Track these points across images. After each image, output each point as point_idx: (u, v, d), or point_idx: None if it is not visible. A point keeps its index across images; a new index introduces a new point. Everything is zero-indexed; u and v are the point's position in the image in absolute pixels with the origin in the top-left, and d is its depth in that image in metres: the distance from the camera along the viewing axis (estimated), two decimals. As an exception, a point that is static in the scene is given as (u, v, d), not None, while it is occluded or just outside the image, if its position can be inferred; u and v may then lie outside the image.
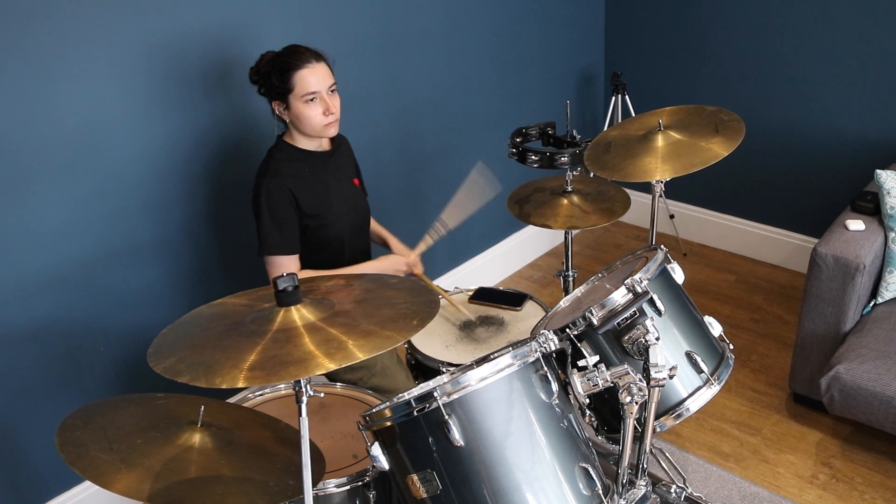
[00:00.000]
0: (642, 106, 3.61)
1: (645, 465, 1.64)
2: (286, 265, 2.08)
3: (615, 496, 1.51)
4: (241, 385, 1.23)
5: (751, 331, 3.13)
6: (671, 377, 1.57)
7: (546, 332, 1.53)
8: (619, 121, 3.48)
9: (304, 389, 1.35)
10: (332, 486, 1.64)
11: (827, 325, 2.49)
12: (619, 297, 1.59)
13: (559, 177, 2.38)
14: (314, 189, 2.11)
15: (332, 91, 2.06)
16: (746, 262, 3.62)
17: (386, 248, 2.39)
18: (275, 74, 2.01)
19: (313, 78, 2.00)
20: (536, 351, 1.48)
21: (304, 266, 2.15)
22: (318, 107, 2.03)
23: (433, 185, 3.17)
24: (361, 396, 2.00)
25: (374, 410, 1.46)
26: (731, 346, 1.78)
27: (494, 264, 3.58)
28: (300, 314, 1.39)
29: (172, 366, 1.31)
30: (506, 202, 2.37)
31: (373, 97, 2.81)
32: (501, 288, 2.37)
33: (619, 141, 2.16)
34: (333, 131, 2.10)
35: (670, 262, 1.76)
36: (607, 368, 1.51)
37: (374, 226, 2.41)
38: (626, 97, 3.52)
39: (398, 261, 2.23)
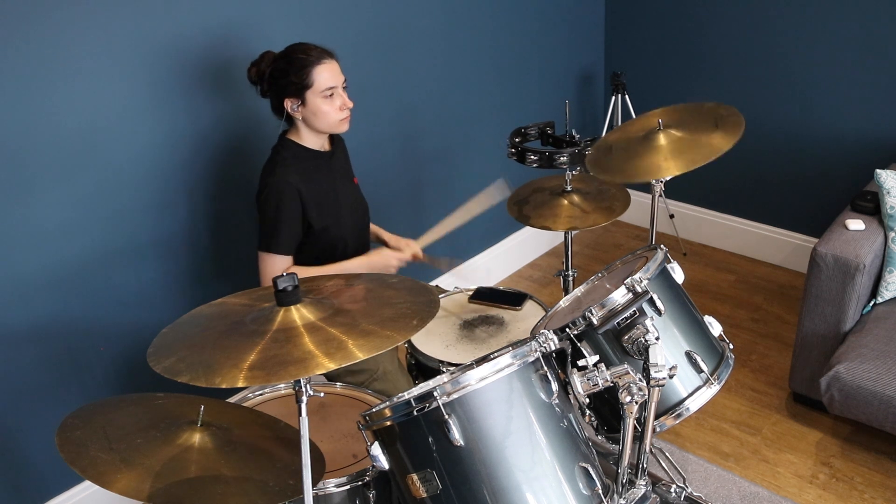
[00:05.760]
0: (642, 106, 3.61)
1: (645, 465, 1.64)
2: (281, 264, 2.08)
3: (615, 496, 1.51)
4: (240, 385, 1.23)
5: (751, 331, 3.13)
6: (671, 377, 1.57)
7: (546, 331, 1.53)
8: (619, 121, 3.48)
9: (303, 389, 1.35)
10: (332, 485, 1.64)
11: (827, 324, 2.49)
12: (619, 296, 1.59)
13: (559, 176, 2.38)
14: (321, 189, 2.12)
15: (344, 87, 2.08)
16: (746, 261, 3.62)
17: (382, 245, 2.38)
18: (292, 71, 2.01)
19: (330, 73, 2.03)
20: (536, 351, 1.48)
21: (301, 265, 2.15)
22: (336, 102, 2.05)
23: (433, 185, 3.17)
24: (361, 396, 2.00)
25: (373, 410, 1.46)
26: (731, 346, 1.78)
27: (494, 264, 3.58)
28: (300, 314, 1.39)
29: (172, 366, 1.31)
30: (505, 203, 2.37)
31: (373, 96, 2.81)
32: (501, 288, 2.37)
33: (620, 144, 2.16)
34: (347, 126, 2.11)
35: (670, 262, 1.76)
36: (607, 368, 1.51)
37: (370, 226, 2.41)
38: (626, 97, 3.52)
39: (389, 255, 2.21)
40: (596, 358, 1.57)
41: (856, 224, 2.50)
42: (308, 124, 2.09)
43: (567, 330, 1.62)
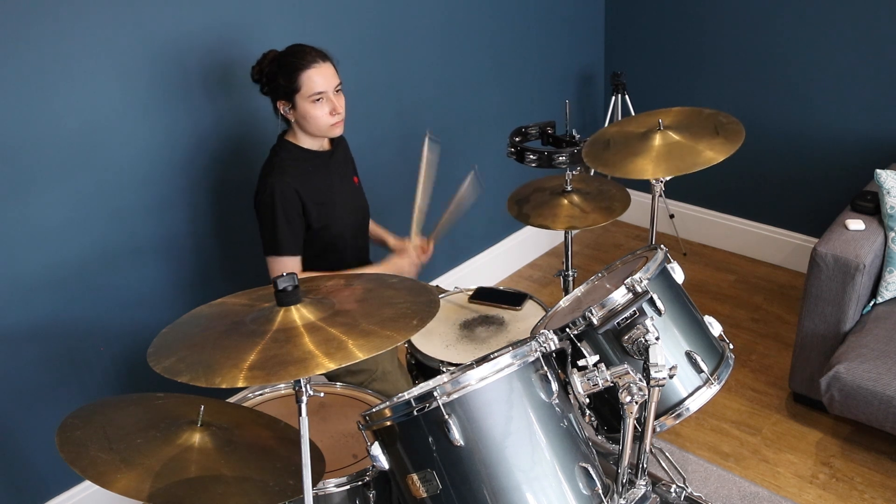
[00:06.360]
0: (642, 106, 3.61)
1: (645, 465, 1.64)
2: (291, 266, 2.08)
3: (615, 496, 1.51)
4: (240, 385, 1.23)
5: (751, 331, 3.13)
6: (671, 377, 1.57)
7: (546, 331, 1.53)
8: (620, 120, 3.48)
9: (303, 389, 1.35)
10: (332, 485, 1.64)
11: (827, 324, 2.49)
12: (619, 296, 1.59)
13: (559, 176, 2.38)
14: (319, 189, 2.11)
15: (338, 91, 2.06)
16: (746, 261, 3.62)
17: (384, 248, 2.39)
18: (281, 74, 2.00)
19: (320, 78, 2.00)
20: (536, 350, 1.48)
21: (307, 269, 2.15)
22: (324, 107, 2.03)
23: (433, 185, 3.17)
24: (361, 396, 2.00)
25: (373, 410, 1.46)
26: (731, 346, 1.78)
27: (494, 264, 3.58)
28: (300, 314, 1.39)
29: (172, 366, 1.31)
30: (505, 203, 2.37)
31: (373, 97, 2.81)
32: (501, 288, 2.37)
33: (618, 138, 2.17)
34: (339, 131, 2.10)
35: (670, 262, 1.76)
36: (607, 368, 1.51)
37: (372, 226, 2.41)
38: (626, 97, 3.52)
39: (401, 263, 2.23)
40: (596, 358, 1.57)
41: (856, 224, 2.50)
42: (301, 127, 2.08)
43: (567, 330, 1.62)
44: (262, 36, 2.40)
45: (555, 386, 1.46)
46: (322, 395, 1.64)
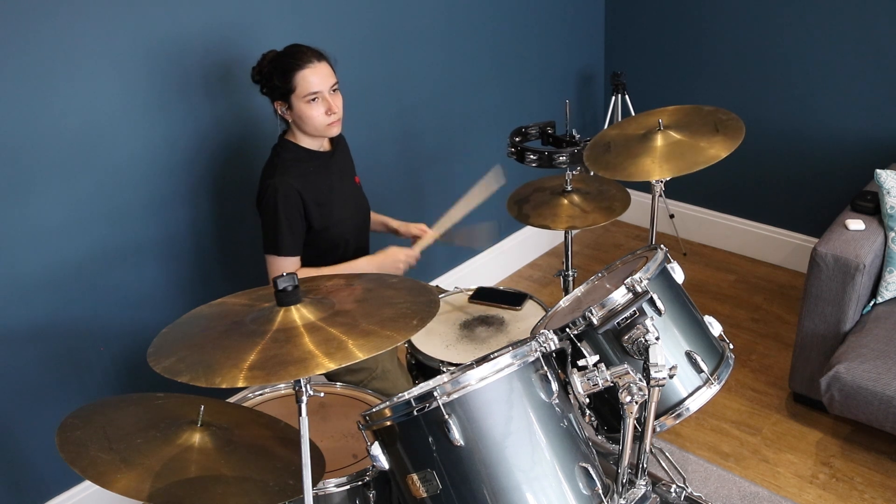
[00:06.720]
0: (642, 106, 3.61)
1: (645, 465, 1.64)
2: (289, 267, 2.08)
3: (615, 496, 1.51)
4: (240, 385, 1.23)
5: (751, 331, 3.13)
6: (671, 377, 1.57)
7: (546, 331, 1.53)
8: (619, 121, 3.48)
9: (303, 389, 1.35)
10: (331, 485, 1.64)
11: (827, 324, 2.49)
12: (619, 296, 1.59)
13: (559, 176, 2.38)
14: (320, 190, 2.12)
15: (335, 90, 2.06)
16: (746, 261, 3.62)
17: (390, 235, 2.39)
18: (276, 75, 2.00)
19: (315, 78, 2.00)
20: (536, 350, 1.48)
21: (306, 266, 2.15)
22: (320, 107, 2.03)
23: (433, 185, 3.17)
24: (361, 396, 2.00)
25: (374, 410, 1.47)
26: (731, 346, 1.78)
27: (494, 264, 3.58)
28: (300, 314, 1.39)
29: (172, 366, 1.31)
30: (505, 203, 2.37)
31: (373, 97, 2.81)
32: (501, 287, 2.37)
33: (619, 141, 2.17)
34: (336, 131, 2.10)
35: (670, 262, 1.76)
36: (607, 368, 1.51)
37: (374, 216, 2.41)
38: (626, 97, 3.52)
39: (397, 252, 2.20)
40: (596, 358, 1.57)
41: (856, 224, 2.50)
42: (298, 127, 2.09)
43: (567, 330, 1.62)
44: (261, 36, 2.40)
45: (555, 386, 1.46)
46: (322, 395, 1.64)
